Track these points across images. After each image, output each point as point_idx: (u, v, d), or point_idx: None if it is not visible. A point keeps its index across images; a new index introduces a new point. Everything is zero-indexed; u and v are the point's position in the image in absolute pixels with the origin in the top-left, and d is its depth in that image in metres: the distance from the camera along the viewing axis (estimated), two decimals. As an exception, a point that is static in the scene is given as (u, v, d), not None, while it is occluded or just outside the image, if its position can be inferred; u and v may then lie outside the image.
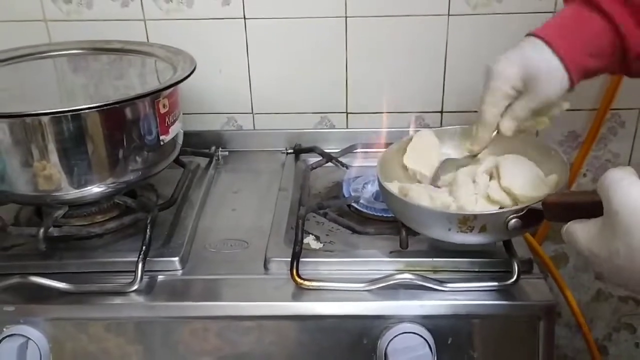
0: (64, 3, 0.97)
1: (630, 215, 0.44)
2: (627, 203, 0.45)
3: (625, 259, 0.44)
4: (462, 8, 0.95)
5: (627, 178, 0.47)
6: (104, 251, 0.72)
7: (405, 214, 0.67)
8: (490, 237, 0.63)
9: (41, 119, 0.66)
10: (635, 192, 0.45)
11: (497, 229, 0.61)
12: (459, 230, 0.61)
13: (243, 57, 0.99)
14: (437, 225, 0.63)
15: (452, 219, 0.61)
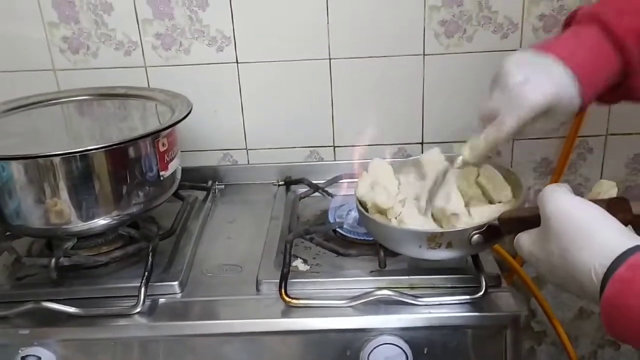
0: (71, 53, 1.06)
1: (559, 221, 0.51)
2: (557, 210, 0.52)
3: (559, 258, 0.51)
4: (435, 48, 1.03)
5: (558, 191, 0.54)
6: (109, 278, 0.79)
7: (382, 235, 0.74)
8: (457, 252, 0.69)
9: (53, 160, 0.73)
10: (563, 201, 0.52)
11: (462, 245, 0.67)
12: (429, 247, 0.68)
13: (236, 98, 1.08)
14: (409, 243, 0.70)
15: (421, 237, 0.68)
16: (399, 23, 1.02)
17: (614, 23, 0.63)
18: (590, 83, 0.63)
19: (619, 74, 0.66)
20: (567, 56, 0.63)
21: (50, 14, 1.03)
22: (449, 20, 1.02)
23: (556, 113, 0.64)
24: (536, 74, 0.62)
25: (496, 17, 1.01)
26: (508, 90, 0.63)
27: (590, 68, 0.63)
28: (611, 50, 0.64)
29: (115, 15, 1.03)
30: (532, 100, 0.62)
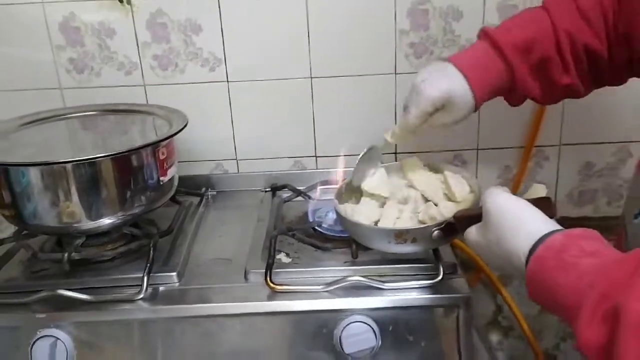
0: (77, 73, 1.17)
1: (496, 215, 0.63)
2: (495, 206, 0.63)
3: (496, 245, 0.62)
4: (406, 68, 1.16)
5: (497, 191, 0.65)
6: (115, 270, 0.89)
7: (356, 232, 0.85)
8: (420, 247, 0.80)
9: (65, 166, 0.84)
10: (500, 199, 0.64)
11: (425, 240, 0.78)
12: (396, 242, 0.79)
13: (227, 113, 1.19)
14: (379, 239, 0.81)
15: (390, 234, 0.79)
16: (372, 45, 1.14)
17: (498, 37, 0.80)
18: (479, 83, 0.80)
19: (508, 78, 0.81)
20: (459, 62, 0.80)
21: (58, 38, 1.15)
22: (417, 43, 1.14)
23: (453, 107, 0.80)
24: (434, 75, 0.81)
25: (459, 40, 1.14)
26: (413, 88, 0.82)
27: (478, 71, 0.80)
28: (497, 58, 0.80)
29: (117, 39, 1.14)
30: (429, 94, 0.80)
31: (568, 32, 0.79)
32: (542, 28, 0.80)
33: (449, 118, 0.83)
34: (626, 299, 0.44)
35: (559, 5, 0.80)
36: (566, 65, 0.81)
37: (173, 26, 1.13)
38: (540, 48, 0.80)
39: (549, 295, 0.54)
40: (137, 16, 1.12)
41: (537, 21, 0.81)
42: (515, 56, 0.80)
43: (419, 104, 0.81)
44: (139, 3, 1.12)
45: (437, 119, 0.83)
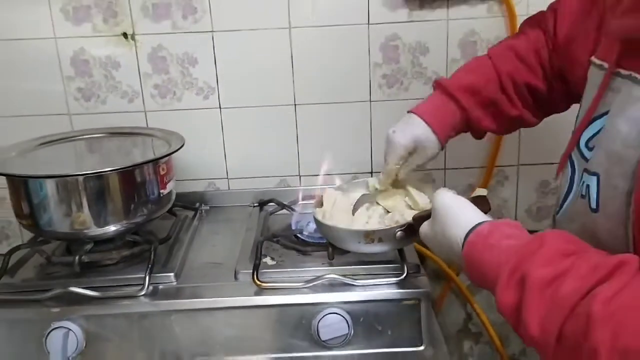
0: (84, 101, 1.30)
1: (441, 210, 0.75)
2: (441, 203, 0.76)
3: (441, 235, 0.74)
4: (379, 96, 1.30)
5: (443, 191, 0.78)
6: (120, 271, 1.00)
7: (332, 235, 0.97)
8: (386, 246, 0.92)
9: (78, 179, 0.96)
10: (445, 197, 0.76)
11: (390, 240, 0.91)
12: (365, 242, 0.91)
13: (219, 136, 1.32)
14: (351, 240, 0.93)
15: (360, 235, 0.92)
16: (349, 76, 1.28)
17: (449, 85, 0.96)
18: (439, 126, 0.95)
19: (463, 118, 0.96)
20: (420, 111, 0.97)
21: (68, 70, 1.28)
22: (389, 74, 1.29)
23: (422, 149, 0.95)
24: (401, 127, 0.96)
25: (426, 72, 1.29)
26: (387, 140, 0.97)
27: (437, 117, 0.95)
28: (450, 102, 0.96)
29: (122, 71, 1.28)
30: (399, 141, 0.95)
31: (510, 75, 0.94)
32: (487, 73, 0.95)
33: (421, 159, 0.97)
34: (529, 268, 0.56)
35: (500, 53, 0.96)
36: (513, 102, 0.96)
37: (172, 59, 1.27)
38: (487, 90, 0.95)
39: (479, 274, 0.65)
40: (140, 50, 1.26)
41: (482, 67, 0.96)
42: (466, 99, 0.95)
43: (394, 151, 0.95)
44: (142, 39, 1.26)
45: (412, 162, 0.98)
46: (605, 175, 0.60)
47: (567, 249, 0.57)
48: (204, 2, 1.24)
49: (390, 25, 1.25)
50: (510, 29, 1.24)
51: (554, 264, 0.55)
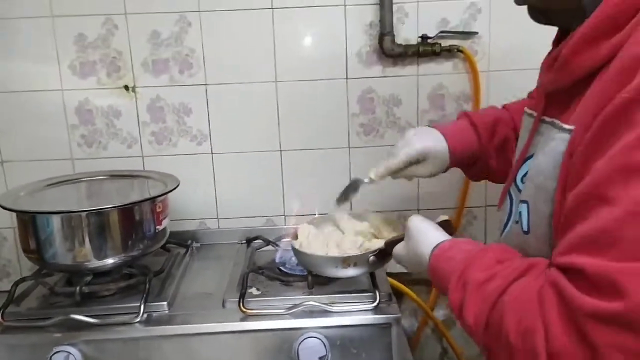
0: (86, 147, 1.42)
1: (413, 231, 0.86)
2: (413, 226, 0.87)
3: (413, 252, 0.85)
4: (357, 143, 1.43)
5: (415, 216, 0.89)
6: (117, 301, 1.09)
7: (310, 262, 1.07)
8: (361, 270, 1.02)
9: (81, 215, 1.07)
10: (416, 221, 0.87)
11: (364, 264, 1.01)
12: (342, 267, 1.02)
13: (211, 180, 1.44)
14: (329, 266, 1.03)
15: (337, 260, 1.02)
16: (330, 124, 1.41)
17: (473, 116, 1.05)
18: (456, 146, 1.01)
19: (477, 148, 1.03)
20: (442, 128, 1.03)
21: (73, 119, 1.40)
22: (366, 124, 1.42)
23: (431, 161, 1.00)
24: (422, 131, 1.03)
25: (399, 122, 1.42)
26: (405, 138, 1.02)
27: (456, 137, 1.02)
28: (472, 131, 1.03)
29: (122, 119, 1.40)
30: (416, 144, 1.00)
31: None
32: (504, 116, 1.05)
33: (424, 171, 1.02)
34: (471, 273, 0.68)
35: (516, 108, 1.05)
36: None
37: (169, 109, 1.40)
38: (502, 129, 1.04)
39: (440, 281, 0.77)
40: (139, 101, 1.39)
41: (499, 112, 1.07)
42: (485, 133, 1.04)
43: (408, 150, 1.00)
44: (142, 91, 1.39)
45: (414, 171, 1.02)
46: (533, 203, 0.71)
47: (502, 257, 0.69)
48: (199, 59, 1.38)
49: (367, 80, 1.39)
50: (473, 84, 1.38)
51: (488, 269, 0.67)
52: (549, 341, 0.56)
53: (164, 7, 1.35)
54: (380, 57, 1.37)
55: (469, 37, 1.36)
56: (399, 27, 1.36)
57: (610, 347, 0.52)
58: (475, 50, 1.37)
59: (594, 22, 0.61)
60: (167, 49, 1.37)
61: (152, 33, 1.36)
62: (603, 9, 0.61)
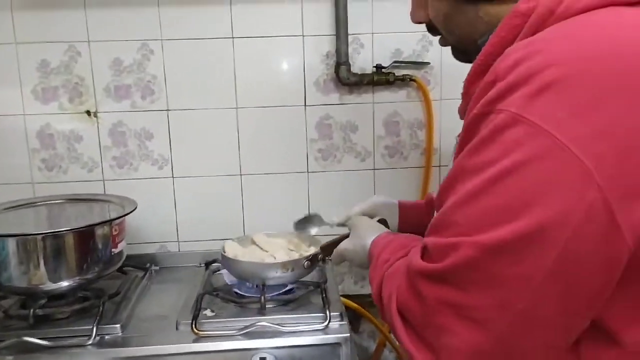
0: (47, 171, 1.43)
1: (361, 226, 0.95)
2: (360, 221, 0.98)
3: (360, 246, 0.94)
4: (316, 167, 1.47)
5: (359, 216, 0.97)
6: (70, 324, 1.10)
7: (252, 271, 1.13)
8: (298, 274, 1.13)
9: (36, 238, 1.08)
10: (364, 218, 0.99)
11: (300, 268, 1.12)
12: (283, 272, 1.11)
13: (171, 204, 1.46)
14: (271, 271, 1.12)
15: (277, 266, 1.11)
16: (290, 150, 1.45)
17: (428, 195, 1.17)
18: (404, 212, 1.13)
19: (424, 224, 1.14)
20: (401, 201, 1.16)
21: (34, 143, 1.42)
22: (324, 149, 1.46)
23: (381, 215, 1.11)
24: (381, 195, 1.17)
25: (356, 147, 1.46)
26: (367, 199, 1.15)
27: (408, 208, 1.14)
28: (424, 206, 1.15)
29: (84, 144, 1.42)
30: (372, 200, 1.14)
31: None
32: None
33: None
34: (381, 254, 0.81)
35: None
36: None
37: (130, 134, 1.42)
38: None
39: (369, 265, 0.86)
40: (101, 126, 1.42)
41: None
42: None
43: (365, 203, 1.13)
44: (104, 116, 1.41)
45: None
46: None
47: (408, 244, 0.79)
48: (161, 85, 1.41)
49: (324, 107, 1.44)
50: (426, 112, 1.44)
51: (393, 252, 0.80)
52: (398, 298, 0.69)
53: (126, 35, 1.38)
54: (337, 85, 1.42)
55: (422, 67, 1.42)
56: (355, 57, 1.42)
57: (435, 300, 0.62)
58: (427, 79, 1.43)
59: (481, 58, 0.69)
60: (129, 75, 1.40)
61: (114, 60, 1.39)
62: (486, 48, 0.68)
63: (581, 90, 0.56)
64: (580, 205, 0.54)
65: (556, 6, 0.63)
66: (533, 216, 0.55)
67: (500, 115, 0.59)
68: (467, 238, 0.59)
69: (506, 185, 0.57)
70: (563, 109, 0.56)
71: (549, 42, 0.60)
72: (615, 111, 0.55)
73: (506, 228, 0.56)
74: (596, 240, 0.55)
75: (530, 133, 0.56)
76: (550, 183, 0.55)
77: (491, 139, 0.59)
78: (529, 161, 0.56)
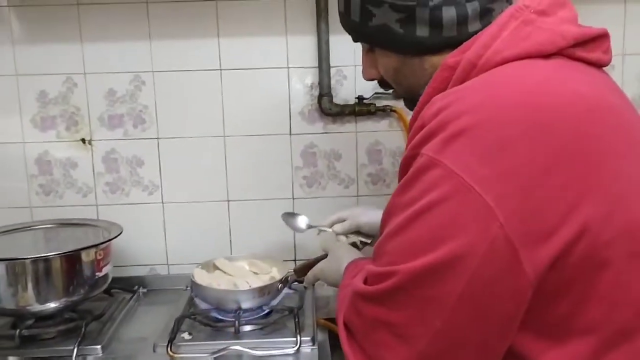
0: (44, 195, 1.50)
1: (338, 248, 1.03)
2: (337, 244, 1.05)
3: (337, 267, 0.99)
4: (300, 194, 1.51)
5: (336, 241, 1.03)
6: (55, 344, 1.15)
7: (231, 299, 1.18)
8: (273, 297, 1.21)
9: (25, 262, 1.14)
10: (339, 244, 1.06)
11: (274, 291, 1.19)
12: (260, 296, 1.17)
13: (161, 228, 1.51)
14: (250, 297, 1.17)
15: (255, 291, 1.17)
16: (275, 176, 1.50)
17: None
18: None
19: None
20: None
21: (33, 169, 1.49)
22: (309, 176, 1.51)
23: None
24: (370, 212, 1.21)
25: (340, 174, 1.51)
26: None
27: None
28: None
29: (79, 170, 1.49)
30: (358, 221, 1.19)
31: None
32: None
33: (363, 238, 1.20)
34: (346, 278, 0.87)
35: None
36: None
37: (122, 161, 1.49)
38: None
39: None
40: (95, 154, 1.48)
41: None
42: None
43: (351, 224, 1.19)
44: (98, 144, 1.48)
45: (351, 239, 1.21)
46: None
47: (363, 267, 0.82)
48: (152, 114, 1.48)
49: (309, 136, 1.49)
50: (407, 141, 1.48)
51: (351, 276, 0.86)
52: (344, 313, 0.79)
53: (120, 67, 1.45)
54: (321, 115, 1.48)
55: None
56: (338, 88, 1.47)
57: (372, 318, 0.72)
58: (407, 110, 1.47)
59: (419, 106, 0.77)
60: (122, 105, 1.47)
61: (108, 91, 1.47)
62: (423, 97, 0.77)
63: (489, 136, 0.62)
64: (484, 238, 0.61)
65: (477, 59, 0.69)
66: (446, 247, 0.63)
67: (422, 159, 0.66)
68: (395, 267, 0.68)
69: (425, 220, 0.65)
70: (473, 153, 0.62)
71: (465, 92, 0.66)
72: (518, 156, 0.60)
73: (426, 257, 0.64)
74: (501, 270, 0.61)
75: (443, 175, 0.63)
76: (458, 219, 0.62)
77: (414, 179, 0.67)
78: (442, 200, 0.63)
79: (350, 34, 0.89)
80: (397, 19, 0.77)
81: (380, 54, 0.85)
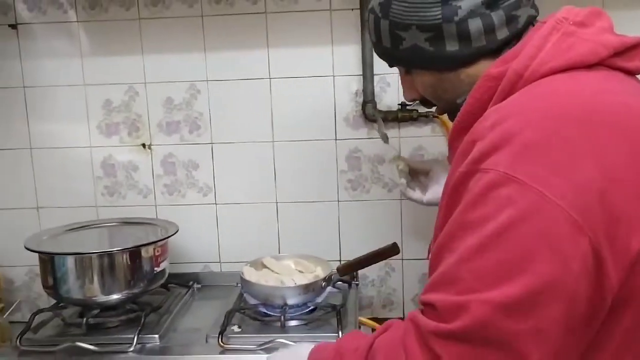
0: (109, 196, 1.62)
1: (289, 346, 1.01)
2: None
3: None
4: (345, 197, 1.57)
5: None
6: (118, 332, 1.26)
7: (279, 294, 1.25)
8: (317, 295, 1.26)
9: (92, 256, 1.26)
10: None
11: (318, 289, 1.24)
12: (304, 293, 1.23)
13: (214, 228, 1.61)
14: (296, 294, 1.23)
15: (300, 288, 1.23)
16: (321, 179, 1.57)
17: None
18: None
19: None
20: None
21: (98, 172, 1.61)
22: (354, 180, 1.57)
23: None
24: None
25: (383, 178, 1.56)
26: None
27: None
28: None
29: (140, 173, 1.61)
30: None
31: None
32: None
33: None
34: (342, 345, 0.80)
35: None
36: None
37: (179, 164, 1.59)
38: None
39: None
40: (154, 157, 1.60)
41: None
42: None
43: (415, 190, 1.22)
44: (157, 148, 1.59)
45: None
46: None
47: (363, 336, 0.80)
48: (206, 121, 1.57)
49: (353, 141, 1.55)
50: (450, 145, 1.51)
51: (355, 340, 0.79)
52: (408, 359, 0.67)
53: (177, 77, 1.56)
54: (365, 121, 1.53)
55: (445, 103, 1.50)
56: (382, 95, 1.52)
57: (451, 357, 0.63)
58: (450, 115, 1.51)
59: (460, 117, 0.77)
60: (179, 112, 1.58)
61: (167, 99, 1.57)
62: (465, 108, 0.76)
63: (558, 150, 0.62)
64: (576, 255, 0.59)
65: (524, 70, 0.70)
66: (538, 269, 0.59)
67: (489, 175, 0.63)
68: (475, 295, 0.61)
69: (507, 240, 0.61)
70: (547, 167, 0.61)
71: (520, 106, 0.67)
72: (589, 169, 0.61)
73: (516, 283, 0.59)
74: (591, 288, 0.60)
75: (520, 190, 0.61)
76: (546, 237, 0.59)
77: (484, 195, 0.63)
78: (524, 217, 0.60)
79: (385, 60, 0.92)
80: (426, 38, 0.79)
81: (416, 75, 0.87)
